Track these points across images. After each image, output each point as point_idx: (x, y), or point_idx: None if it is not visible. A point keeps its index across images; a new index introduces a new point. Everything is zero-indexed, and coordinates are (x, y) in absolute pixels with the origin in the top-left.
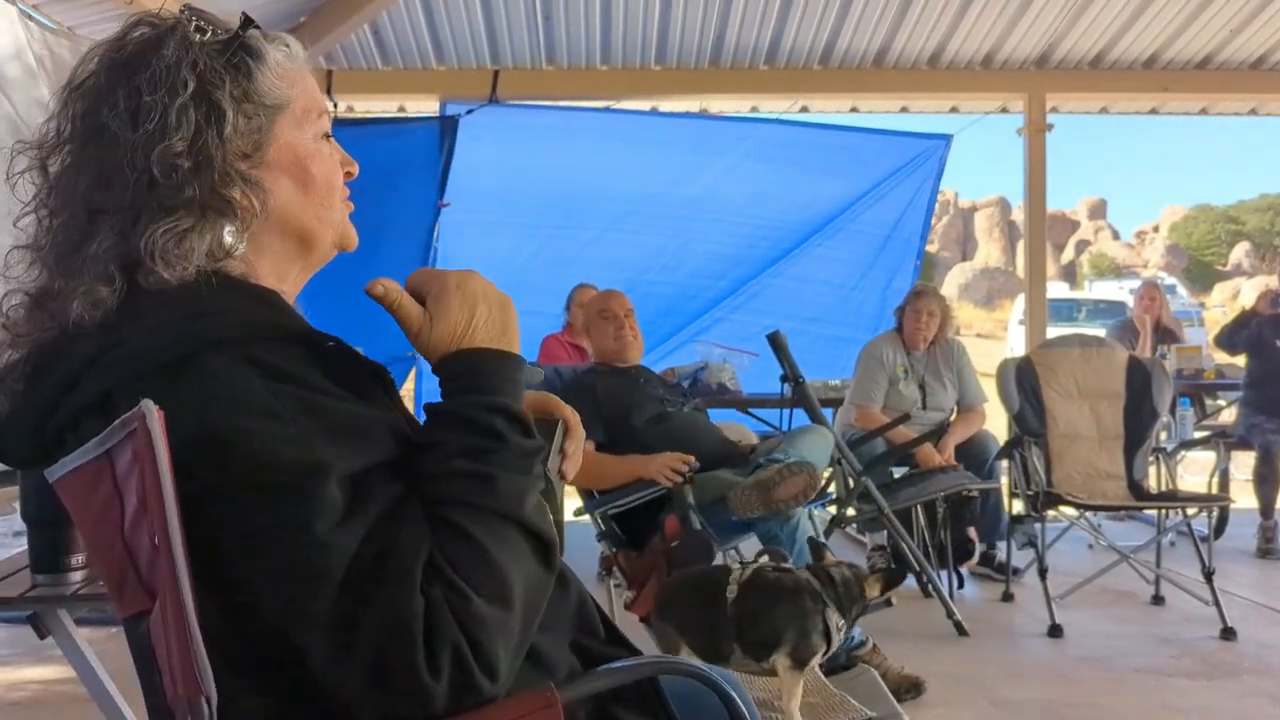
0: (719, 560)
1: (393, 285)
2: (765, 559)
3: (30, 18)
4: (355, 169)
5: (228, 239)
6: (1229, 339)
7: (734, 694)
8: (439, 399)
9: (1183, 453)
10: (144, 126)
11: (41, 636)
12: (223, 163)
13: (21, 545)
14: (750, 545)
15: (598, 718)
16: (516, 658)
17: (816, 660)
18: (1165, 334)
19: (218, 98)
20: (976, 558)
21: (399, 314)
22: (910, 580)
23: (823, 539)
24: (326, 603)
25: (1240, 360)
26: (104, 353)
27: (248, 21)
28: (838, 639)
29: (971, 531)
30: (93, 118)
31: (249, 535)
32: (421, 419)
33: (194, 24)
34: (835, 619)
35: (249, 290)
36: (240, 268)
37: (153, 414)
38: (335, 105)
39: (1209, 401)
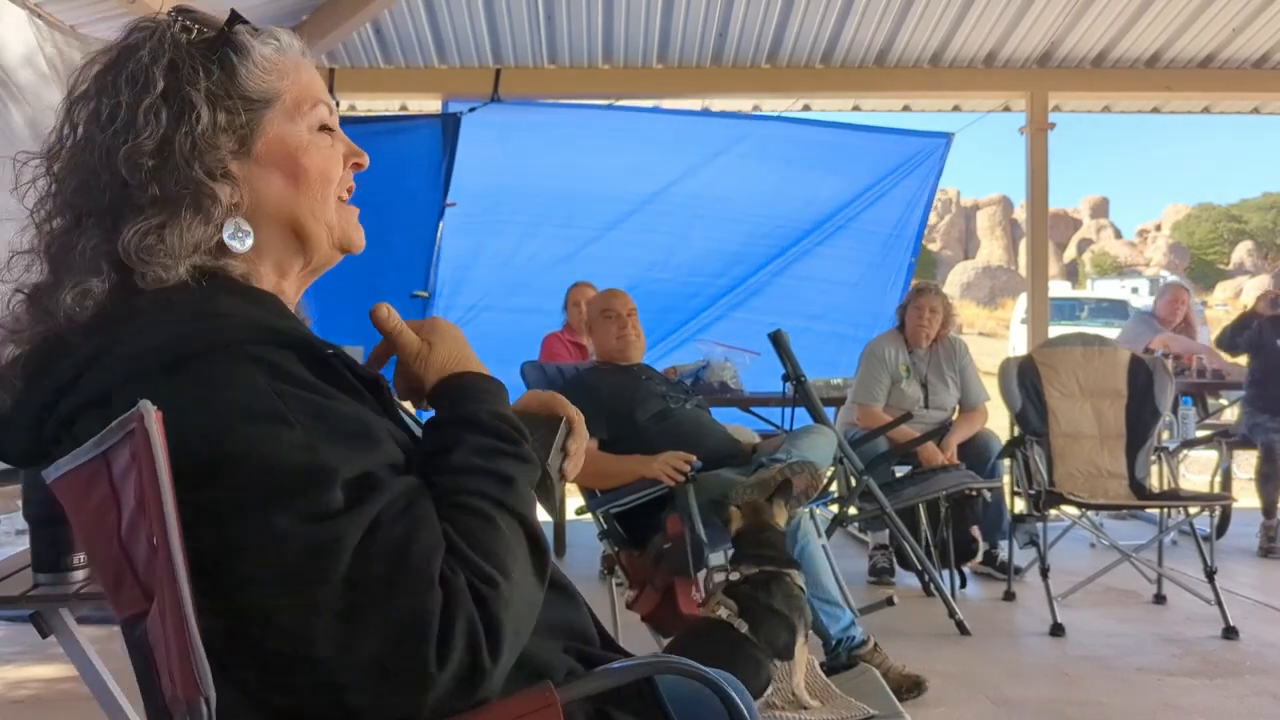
0: (719, 559)
1: (395, 312)
2: (721, 575)
3: (40, 18)
4: (365, 160)
5: (225, 234)
6: (1230, 340)
7: (734, 695)
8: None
9: (1185, 452)
10: (112, 127)
11: (44, 635)
12: (196, 159)
13: (24, 544)
14: None
15: (596, 719)
16: (514, 652)
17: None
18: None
19: (190, 95)
20: (981, 556)
21: (400, 339)
22: (912, 579)
23: (824, 538)
24: (332, 599)
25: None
26: (105, 352)
27: (234, 18)
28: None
29: (975, 530)
30: (80, 123)
31: (253, 538)
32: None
33: (179, 24)
34: (798, 577)
35: (247, 293)
36: (242, 268)
37: (150, 414)
38: (337, 104)
39: (1211, 400)
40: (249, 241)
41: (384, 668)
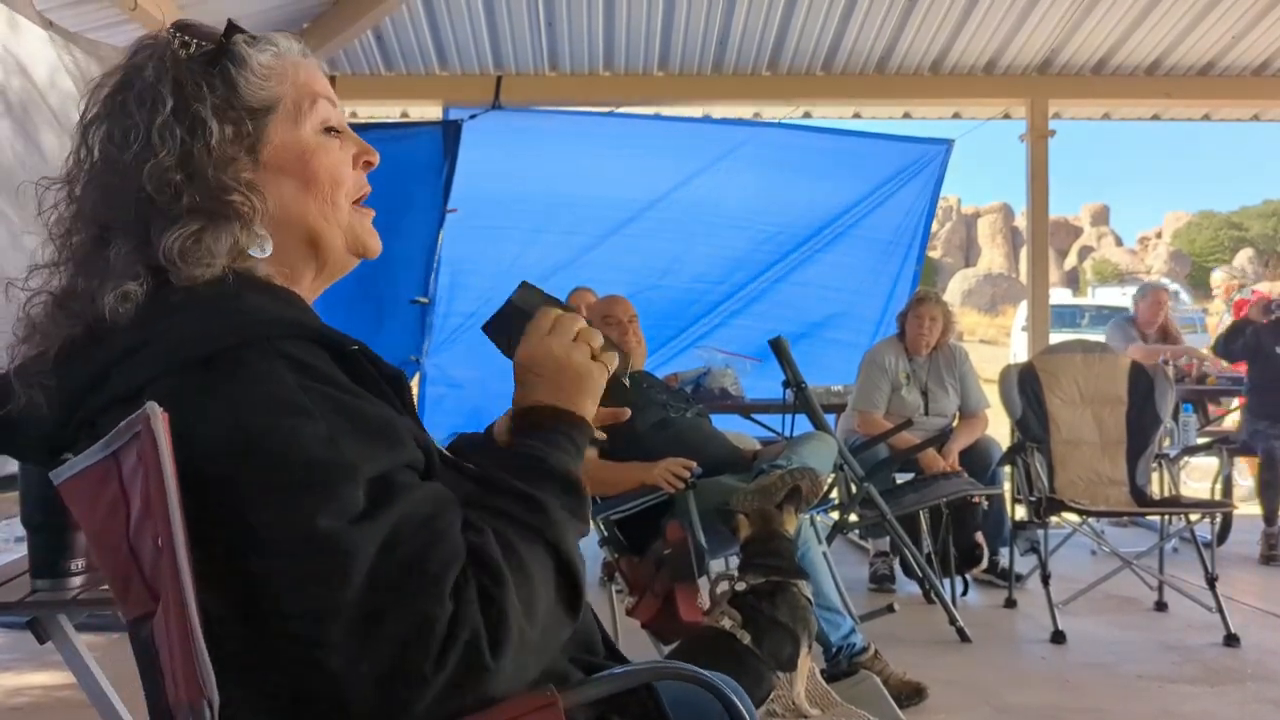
0: (720, 565)
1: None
2: (726, 584)
3: (52, 27)
4: (375, 158)
5: (243, 241)
6: (1225, 348)
7: (735, 699)
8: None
9: (1185, 458)
10: (131, 148)
11: (41, 641)
12: (215, 171)
13: (22, 550)
14: None
15: None
16: (522, 669)
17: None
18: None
19: (199, 110)
20: (985, 563)
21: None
22: (913, 586)
23: (825, 545)
24: (349, 602)
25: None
26: (135, 349)
27: (231, 29)
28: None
29: (979, 536)
30: (95, 145)
31: (273, 530)
32: (431, 429)
33: (178, 40)
34: (805, 588)
35: (274, 291)
36: (265, 269)
37: (157, 416)
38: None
39: (1212, 407)
40: (269, 247)
41: (386, 676)
